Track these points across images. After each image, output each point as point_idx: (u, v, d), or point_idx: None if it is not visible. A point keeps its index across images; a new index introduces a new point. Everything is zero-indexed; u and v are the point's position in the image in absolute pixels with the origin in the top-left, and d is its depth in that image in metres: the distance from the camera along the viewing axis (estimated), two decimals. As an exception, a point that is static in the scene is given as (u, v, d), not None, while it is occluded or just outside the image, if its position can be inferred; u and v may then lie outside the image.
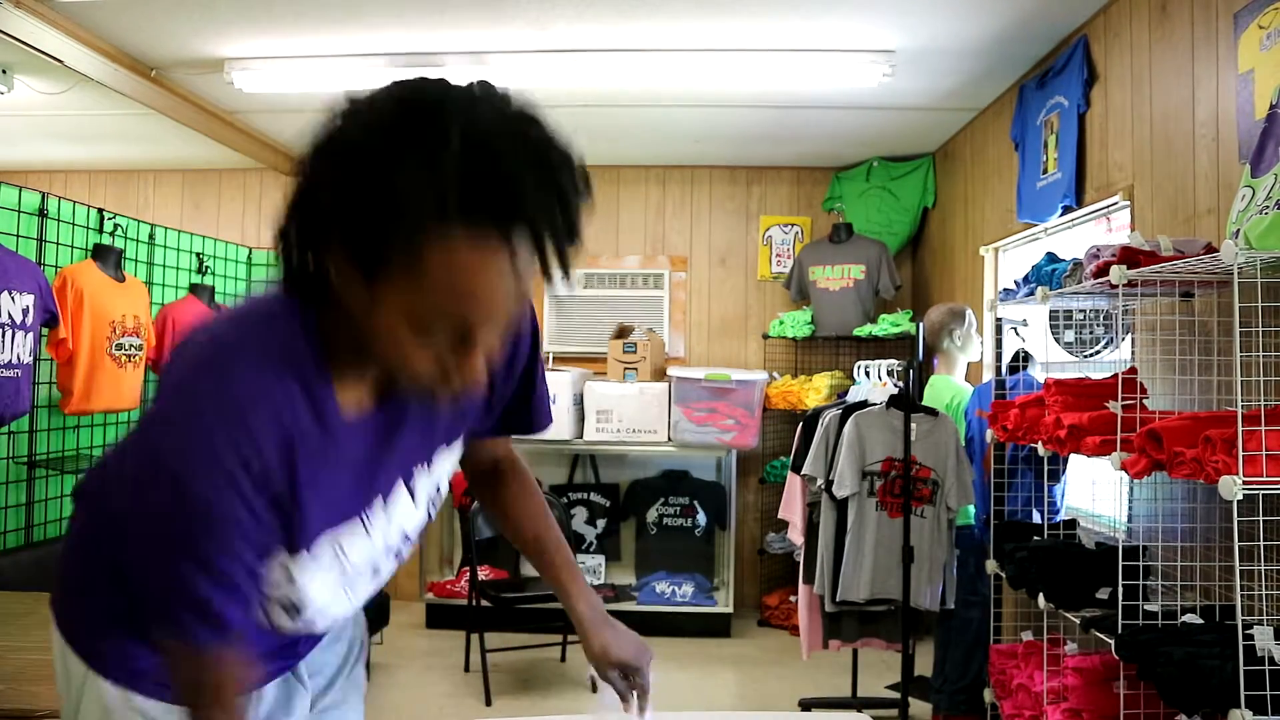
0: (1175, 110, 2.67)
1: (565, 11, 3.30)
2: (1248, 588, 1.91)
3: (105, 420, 3.72)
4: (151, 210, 5.65)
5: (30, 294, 3.01)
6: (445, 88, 0.85)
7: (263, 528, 0.92)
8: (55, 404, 3.40)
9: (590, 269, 5.58)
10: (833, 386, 4.78)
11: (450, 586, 4.87)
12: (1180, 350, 2.36)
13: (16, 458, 3.30)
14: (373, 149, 0.81)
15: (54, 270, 3.33)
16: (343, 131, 0.85)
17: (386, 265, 0.82)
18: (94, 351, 3.38)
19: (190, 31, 3.51)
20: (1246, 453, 1.70)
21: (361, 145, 0.82)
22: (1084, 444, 2.32)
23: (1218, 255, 1.83)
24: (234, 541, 0.89)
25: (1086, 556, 2.60)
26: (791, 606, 4.77)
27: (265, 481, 0.90)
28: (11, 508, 3.28)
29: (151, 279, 3.97)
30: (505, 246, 0.81)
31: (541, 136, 0.84)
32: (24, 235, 3.23)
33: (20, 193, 3.23)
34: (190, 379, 0.91)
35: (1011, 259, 4.13)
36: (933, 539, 3.35)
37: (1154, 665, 1.98)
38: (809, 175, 5.54)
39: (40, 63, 3.51)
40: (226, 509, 0.87)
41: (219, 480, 0.86)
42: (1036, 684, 2.66)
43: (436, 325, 0.85)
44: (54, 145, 5.22)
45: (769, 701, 3.93)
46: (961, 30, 3.41)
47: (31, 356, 3.04)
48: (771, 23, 3.40)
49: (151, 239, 4.00)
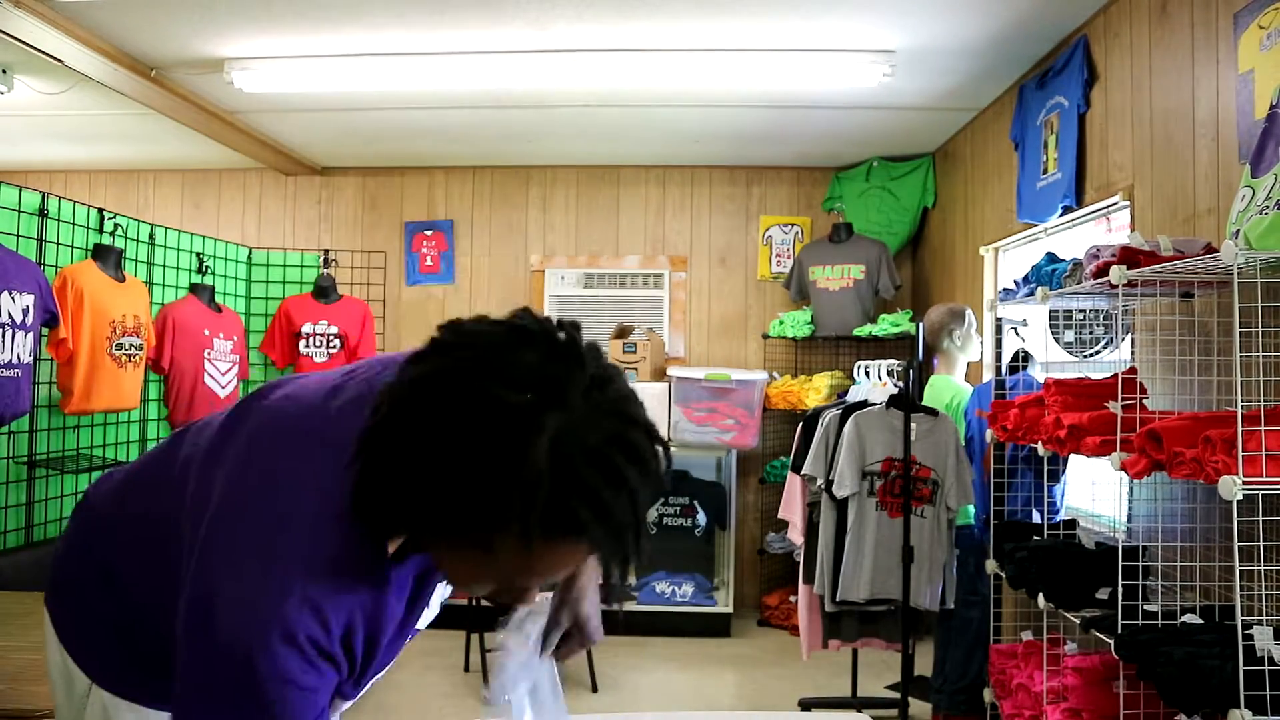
0: (1175, 110, 2.67)
1: (565, 11, 3.30)
2: (1248, 588, 1.91)
3: (105, 420, 3.72)
4: (151, 210, 5.65)
5: (30, 294, 3.01)
6: (542, 374, 0.81)
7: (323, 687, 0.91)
8: (55, 404, 3.40)
9: (590, 269, 5.58)
10: (833, 386, 4.77)
11: (450, 586, 4.86)
12: (1180, 350, 2.36)
13: (16, 458, 3.30)
14: (454, 450, 0.78)
15: (54, 270, 3.33)
16: (424, 417, 0.81)
17: (459, 540, 0.83)
18: (94, 351, 3.38)
19: (190, 31, 3.51)
20: (1246, 453, 1.70)
21: (442, 441, 0.79)
22: (1084, 444, 2.32)
23: (1218, 255, 1.83)
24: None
25: (1086, 556, 2.60)
26: (791, 606, 4.77)
27: (329, 664, 0.91)
28: (11, 508, 3.28)
29: (151, 279, 3.97)
30: (578, 547, 0.84)
31: (631, 448, 0.82)
32: (24, 235, 3.23)
33: (20, 193, 3.23)
34: (245, 553, 0.89)
35: (1011, 259, 4.13)
36: (933, 539, 3.35)
37: (1154, 665, 1.98)
38: (809, 175, 5.54)
39: (40, 63, 3.51)
40: (294, 678, 0.87)
41: (286, 648, 0.86)
42: (1036, 684, 2.66)
43: (496, 587, 0.90)
44: (54, 145, 5.22)
45: (769, 701, 3.93)
46: (961, 30, 3.41)
47: (31, 356, 3.04)
48: (771, 23, 3.40)
49: (151, 239, 4.00)
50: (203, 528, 0.92)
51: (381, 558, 0.95)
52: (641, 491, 0.82)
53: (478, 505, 0.78)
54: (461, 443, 0.78)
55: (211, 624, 0.86)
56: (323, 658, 0.90)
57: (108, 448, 3.74)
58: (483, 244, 5.61)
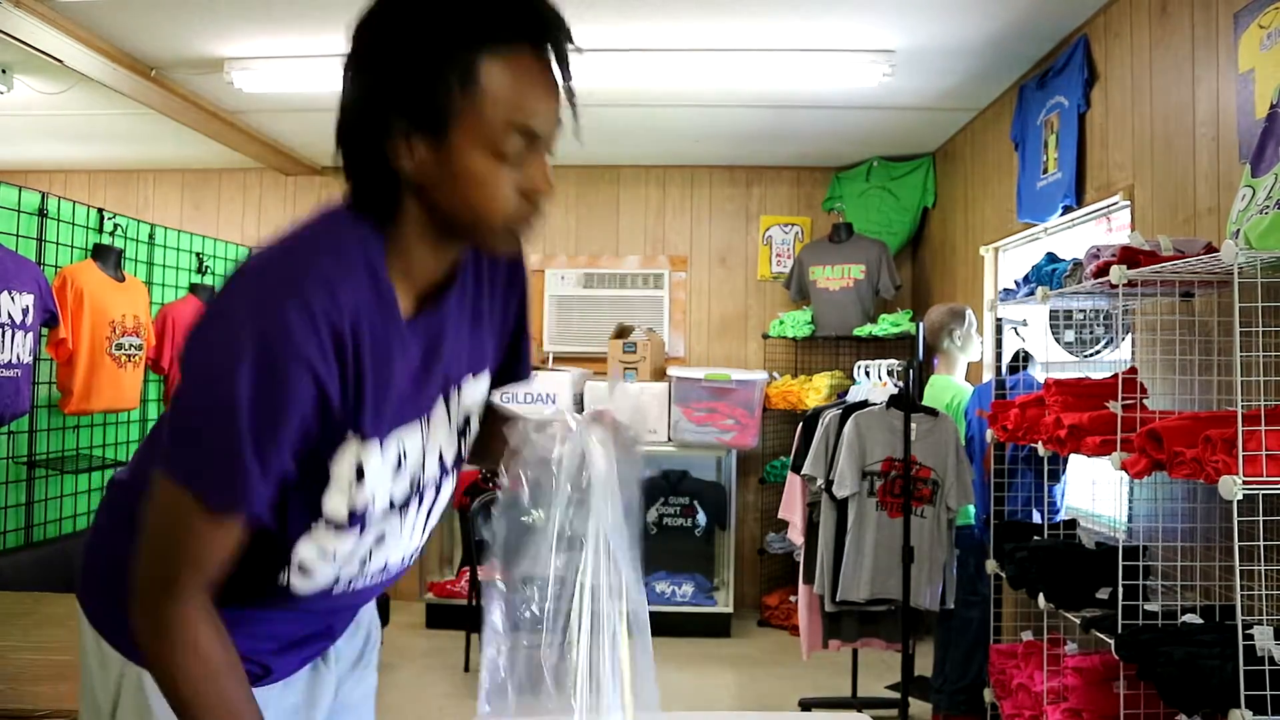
0: (1175, 110, 2.67)
1: (565, 12, 3.30)
2: (1248, 588, 1.91)
3: (105, 420, 3.72)
4: (151, 210, 5.65)
5: (30, 294, 3.01)
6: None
7: (326, 421, 0.94)
8: (55, 404, 3.40)
9: (590, 269, 5.58)
10: (833, 386, 4.77)
11: (450, 586, 4.87)
12: (1180, 350, 2.36)
13: (16, 458, 3.30)
14: (409, 11, 0.93)
15: (54, 270, 3.33)
16: (379, 16, 0.96)
17: (451, 113, 0.91)
18: (94, 351, 3.38)
19: (190, 31, 3.51)
20: (1246, 453, 1.70)
21: (398, 13, 0.94)
22: (1084, 444, 2.32)
23: (1218, 255, 1.83)
24: (292, 422, 0.90)
25: (1086, 556, 2.59)
26: (791, 606, 4.77)
27: (338, 356, 0.92)
28: (11, 508, 3.28)
29: (151, 279, 3.97)
30: (537, 57, 0.96)
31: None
32: (24, 235, 3.23)
33: (20, 193, 3.23)
34: (266, 261, 0.94)
35: (1011, 259, 4.13)
36: (933, 539, 3.35)
37: (1154, 665, 1.98)
38: (809, 175, 5.54)
39: (40, 63, 3.51)
40: (293, 384, 0.89)
41: (289, 351, 0.88)
42: (1036, 684, 2.66)
43: (507, 141, 0.93)
44: (54, 145, 5.22)
45: (769, 701, 3.93)
46: (961, 30, 3.41)
47: (31, 356, 3.04)
48: (771, 22, 3.40)
49: (151, 239, 4.00)
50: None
51: (382, 267, 0.98)
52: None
53: (445, 38, 0.91)
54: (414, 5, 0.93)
55: (211, 336, 0.90)
56: (333, 340, 0.91)
57: (108, 448, 3.74)
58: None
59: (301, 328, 0.88)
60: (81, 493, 3.62)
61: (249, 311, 0.88)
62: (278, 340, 0.87)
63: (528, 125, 0.94)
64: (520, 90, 0.94)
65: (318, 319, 0.89)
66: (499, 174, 0.95)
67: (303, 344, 0.88)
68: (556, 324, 5.57)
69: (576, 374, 4.89)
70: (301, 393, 0.90)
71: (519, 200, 0.97)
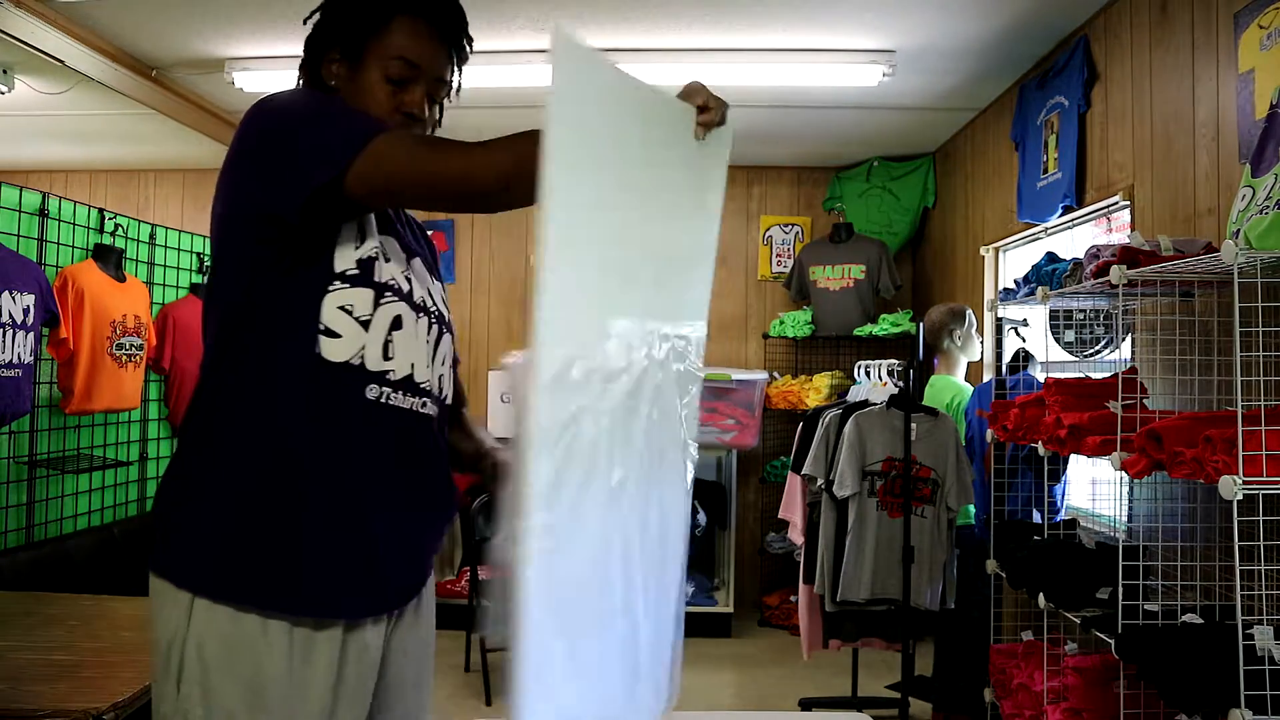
0: (1175, 110, 2.67)
1: (565, 14, 3.30)
2: (1248, 588, 1.91)
3: (105, 420, 3.72)
4: (151, 210, 5.64)
5: (31, 294, 3.01)
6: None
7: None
8: (55, 404, 3.40)
9: (590, 269, 5.58)
10: (833, 386, 4.77)
11: (450, 586, 4.87)
12: (1180, 350, 2.36)
13: (16, 458, 3.30)
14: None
15: (54, 270, 3.33)
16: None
17: (364, 52, 1.34)
18: (94, 351, 3.38)
19: (190, 31, 3.51)
20: (1246, 453, 1.70)
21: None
22: (1084, 444, 2.32)
23: (1218, 255, 1.83)
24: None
25: (1086, 556, 2.59)
26: (791, 606, 4.77)
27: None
28: (11, 508, 3.28)
29: (152, 279, 3.97)
30: (425, 24, 1.35)
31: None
32: (24, 235, 3.23)
33: (20, 193, 3.22)
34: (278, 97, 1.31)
35: (1011, 259, 4.13)
36: (933, 539, 3.35)
37: (1154, 665, 1.98)
38: (809, 175, 5.54)
39: (40, 63, 3.51)
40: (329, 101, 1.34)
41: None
42: (1036, 684, 2.66)
43: (398, 73, 1.33)
44: (54, 145, 5.22)
45: (769, 701, 3.93)
46: (961, 30, 3.41)
47: (32, 356, 3.04)
48: (771, 23, 3.40)
49: (152, 239, 3.99)
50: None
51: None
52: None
53: (367, 8, 1.35)
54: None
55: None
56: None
57: (108, 448, 3.74)
58: (483, 243, 5.61)
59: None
60: (82, 493, 3.62)
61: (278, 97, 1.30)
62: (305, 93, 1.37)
63: (409, 58, 1.33)
64: (409, 38, 1.34)
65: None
66: (388, 96, 1.33)
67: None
68: (557, 324, 5.56)
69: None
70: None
71: (395, 111, 1.33)
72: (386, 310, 1.26)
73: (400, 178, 1.19)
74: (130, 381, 3.58)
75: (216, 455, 1.24)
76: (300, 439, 1.22)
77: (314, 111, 1.27)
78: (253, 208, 1.23)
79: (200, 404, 1.28)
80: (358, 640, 1.25)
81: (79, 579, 3.21)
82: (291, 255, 1.22)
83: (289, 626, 1.19)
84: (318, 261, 1.23)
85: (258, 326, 1.24)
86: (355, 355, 1.24)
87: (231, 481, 1.22)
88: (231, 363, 1.26)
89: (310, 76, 1.41)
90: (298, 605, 1.20)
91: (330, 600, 1.23)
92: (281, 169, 1.20)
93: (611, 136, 1.10)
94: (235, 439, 1.23)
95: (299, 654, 1.19)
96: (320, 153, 1.18)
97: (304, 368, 1.22)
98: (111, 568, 3.45)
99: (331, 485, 1.23)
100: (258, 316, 1.24)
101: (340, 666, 1.23)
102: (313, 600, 1.21)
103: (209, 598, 1.19)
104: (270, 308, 1.24)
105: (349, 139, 1.18)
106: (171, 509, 1.26)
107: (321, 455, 1.23)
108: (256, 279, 1.24)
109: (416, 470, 1.33)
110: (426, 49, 1.35)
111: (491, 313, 5.63)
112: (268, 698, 1.18)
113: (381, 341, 1.26)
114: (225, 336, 1.26)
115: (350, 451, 1.24)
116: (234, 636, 1.18)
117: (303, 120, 1.24)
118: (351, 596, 1.25)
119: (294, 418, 1.22)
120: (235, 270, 1.27)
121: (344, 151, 1.16)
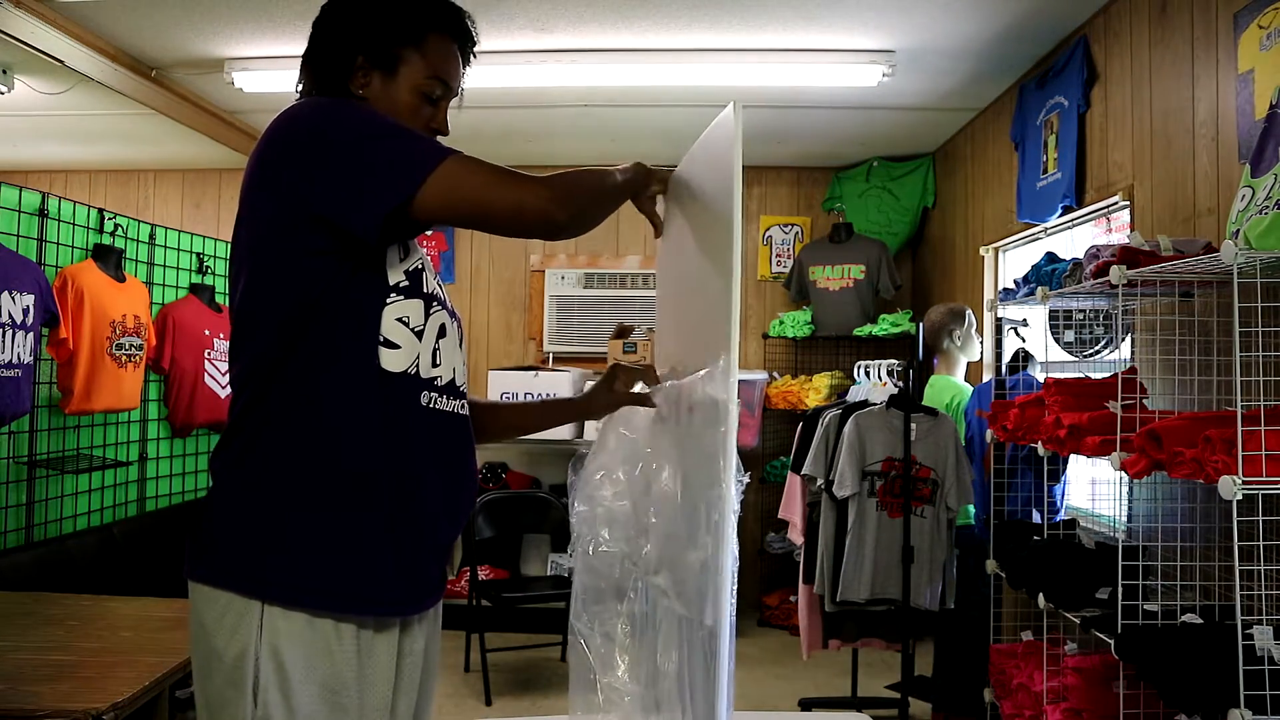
0: (1175, 110, 2.67)
1: (566, 14, 3.30)
2: (1247, 588, 1.91)
3: (105, 420, 3.72)
4: (151, 210, 5.65)
5: (31, 294, 3.01)
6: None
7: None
8: (55, 404, 3.40)
9: (590, 269, 5.58)
10: (833, 386, 4.77)
11: (450, 586, 4.86)
12: (1180, 350, 2.36)
13: (16, 458, 3.30)
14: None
15: (54, 270, 3.32)
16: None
17: (397, 64, 1.36)
18: (94, 351, 3.38)
19: (190, 31, 3.51)
20: (1246, 453, 1.70)
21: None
22: (1084, 444, 2.32)
23: (1218, 255, 1.83)
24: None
25: (1086, 556, 2.59)
26: (791, 606, 4.77)
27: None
28: (11, 508, 3.28)
29: (152, 279, 3.97)
30: (456, 46, 1.41)
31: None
32: (24, 235, 3.22)
33: (20, 193, 3.22)
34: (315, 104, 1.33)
35: (1011, 259, 4.13)
36: (933, 539, 3.35)
37: (1154, 665, 1.98)
38: (809, 175, 5.54)
39: (40, 63, 3.51)
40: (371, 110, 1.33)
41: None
42: (1036, 684, 2.66)
43: (433, 91, 1.38)
44: (54, 145, 5.22)
45: (769, 701, 3.92)
46: (961, 30, 3.41)
47: (32, 356, 3.04)
48: (771, 23, 3.40)
49: (152, 239, 3.99)
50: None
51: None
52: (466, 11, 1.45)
53: (409, 21, 1.36)
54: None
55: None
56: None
57: (108, 448, 3.73)
58: (483, 244, 5.61)
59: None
60: (81, 493, 3.62)
61: (317, 103, 1.33)
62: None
63: (444, 79, 1.39)
64: (444, 59, 1.39)
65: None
66: (421, 106, 1.38)
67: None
68: (556, 324, 5.57)
69: (576, 374, 4.88)
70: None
71: (425, 127, 1.39)
72: (435, 320, 1.33)
73: (470, 202, 1.21)
74: (130, 382, 3.58)
75: (283, 468, 1.25)
76: (369, 449, 1.26)
77: (378, 126, 1.26)
78: (303, 210, 1.22)
79: (255, 416, 1.27)
80: (409, 635, 1.34)
81: (79, 579, 3.21)
82: (349, 268, 1.25)
83: (356, 628, 1.25)
84: (375, 274, 1.27)
85: (316, 338, 1.25)
86: (411, 365, 1.30)
87: (302, 492, 1.24)
88: (290, 375, 1.25)
89: (329, 80, 1.38)
90: (369, 606, 1.26)
91: (397, 600, 1.30)
92: (349, 180, 1.21)
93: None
94: (300, 451, 1.25)
95: (365, 653, 1.26)
96: (395, 169, 1.20)
97: (367, 379, 1.26)
98: (111, 568, 3.45)
99: (398, 491, 1.28)
100: (315, 329, 1.25)
101: (398, 661, 1.31)
102: (383, 601, 1.28)
103: (283, 605, 1.21)
104: (330, 320, 1.25)
105: (421, 158, 1.21)
106: (232, 520, 1.26)
107: (389, 463, 1.27)
108: (311, 290, 1.24)
109: (460, 471, 1.39)
110: (454, 69, 1.41)
111: (491, 313, 5.63)
112: (344, 698, 1.23)
113: (431, 349, 1.32)
114: (278, 348, 1.25)
115: (411, 458, 1.30)
116: (312, 641, 1.21)
117: (368, 133, 1.24)
118: (414, 595, 1.33)
119: (362, 428, 1.26)
120: (286, 280, 1.25)
121: (419, 170, 1.19)
